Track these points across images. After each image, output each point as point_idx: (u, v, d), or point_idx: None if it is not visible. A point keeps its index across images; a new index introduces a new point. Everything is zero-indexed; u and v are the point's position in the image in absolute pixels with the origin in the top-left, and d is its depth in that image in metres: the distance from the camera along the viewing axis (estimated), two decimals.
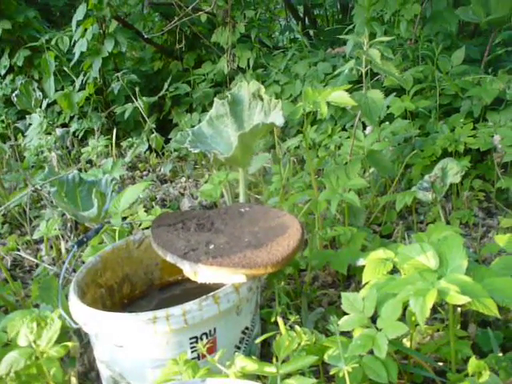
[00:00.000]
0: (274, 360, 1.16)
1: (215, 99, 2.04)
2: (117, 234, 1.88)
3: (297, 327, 1.26)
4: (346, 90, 1.77)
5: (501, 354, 1.34)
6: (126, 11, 4.53)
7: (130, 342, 1.32)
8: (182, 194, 3.00)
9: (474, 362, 1.12)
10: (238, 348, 1.44)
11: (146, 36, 4.07)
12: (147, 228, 1.98)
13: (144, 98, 3.55)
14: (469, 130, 2.42)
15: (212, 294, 1.33)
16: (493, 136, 2.31)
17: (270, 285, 1.63)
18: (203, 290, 1.40)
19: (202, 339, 1.33)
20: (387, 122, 2.58)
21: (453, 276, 1.18)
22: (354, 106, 1.89)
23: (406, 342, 1.40)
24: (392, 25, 3.12)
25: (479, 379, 1.10)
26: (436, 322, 1.58)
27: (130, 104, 3.68)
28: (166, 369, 1.16)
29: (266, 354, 1.57)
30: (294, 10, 4.81)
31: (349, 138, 2.65)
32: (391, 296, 1.22)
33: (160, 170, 3.45)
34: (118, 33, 3.82)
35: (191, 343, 1.33)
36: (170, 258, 1.45)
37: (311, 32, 4.46)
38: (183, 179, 3.23)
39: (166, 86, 3.85)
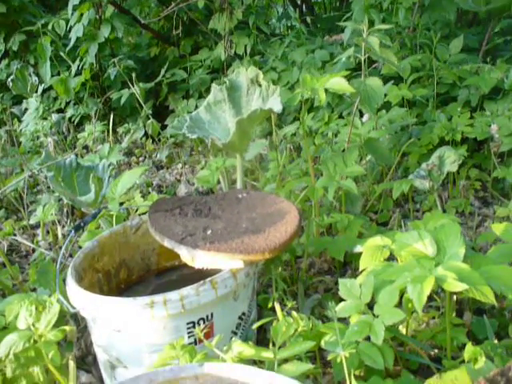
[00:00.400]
0: (271, 345, 1.17)
1: (213, 85, 2.03)
2: (114, 219, 1.88)
3: (294, 313, 1.27)
4: (344, 78, 1.77)
5: (496, 342, 1.35)
6: None
7: (127, 326, 1.32)
8: (179, 180, 3.00)
9: (470, 349, 1.13)
10: (235, 333, 1.44)
11: (142, 22, 4.05)
12: (144, 214, 1.98)
13: (140, 84, 3.54)
14: (466, 119, 2.42)
15: (209, 279, 1.33)
16: (490, 125, 2.31)
17: (267, 271, 1.64)
18: (200, 275, 1.40)
19: (199, 324, 1.33)
20: (384, 110, 2.58)
21: (450, 263, 1.18)
22: (353, 94, 1.89)
23: (402, 329, 1.41)
24: (390, 13, 3.11)
25: (475, 365, 1.11)
26: (432, 309, 1.59)
27: (126, 90, 3.67)
28: (163, 353, 1.16)
29: (261, 340, 1.58)
30: None
31: (346, 125, 2.65)
32: (388, 283, 1.22)
33: (156, 156, 3.45)
34: (114, 18, 3.80)
35: (188, 328, 1.33)
36: (167, 243, 1.45)
37: (309, 19, 4.45)
38: (179, 165, 3.23)
39: (162, 72, 3.84)
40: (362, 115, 2.56)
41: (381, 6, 3.13)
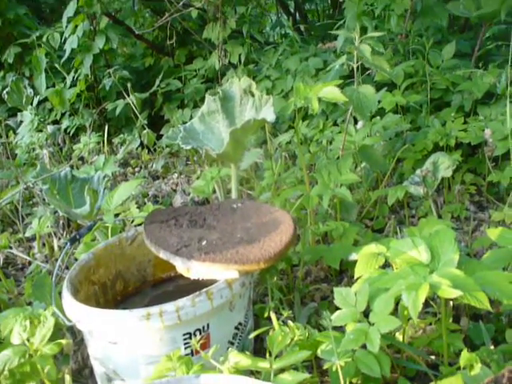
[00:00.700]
0: (268, 355, 1.17)
1: (207, 95, 2.03)
2: (109, 230, 1.88)
3: (290, 322, 1.27)
4: (338, 85, 1.78)
5: (492, 347, 1.35)
6: (116, 7, 4.51)
7: (123, 338, 1.32)
8: (175, 191, 3.00)
9: (465, 355, 1.13)
10: (232, 344, 1.44)
11: (136, 32, 4.06)
12: (140, 225, 1.98)
13: (136, 94, 3.54)
14: (460, 124, 2.43)
15: (205, 290, 1.33)
16: (484, 130, 2.32)
17: (263, 280, 1.64)
18: (196, 286, 1.40)
19: (195, 335, 1.33)
20: (378, 117, 2.58)
21: (444, 270, 1.18)
22: (346, 101, 1.89)
23: (399, 336, 1.41)
24: (382, 19, 3.12)
25: (471, 372, 1.11)
26: (428, 315, 1.59)
27: (121, 100, 3.67)
28: (160, 365, 1.16)
29: (259, 349, 1.58)
30: (284, 5, 4.81)
31: (340, 132, 2.66)
32: (383, 290, 1.22)
33: (152, 166, 3.45)
34: (108, 29, 3.80)
35: (185, 339, 1.33)
36: (162, 255, 1.45)
37: (302, 27, 4.46)
38: (175, 175, 3.23)
39: (157, 82, 3.84)
40: (356, 122, 2.56)
41: (373, 13, 3.15)
